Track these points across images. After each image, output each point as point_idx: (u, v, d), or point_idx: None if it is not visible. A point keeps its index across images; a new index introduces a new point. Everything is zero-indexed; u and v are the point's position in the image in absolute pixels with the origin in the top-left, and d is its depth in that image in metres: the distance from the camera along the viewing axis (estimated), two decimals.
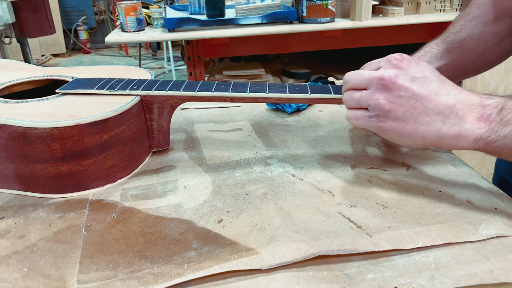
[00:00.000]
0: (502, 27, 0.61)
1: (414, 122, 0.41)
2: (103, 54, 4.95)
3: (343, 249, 0.38)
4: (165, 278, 0.36)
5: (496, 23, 0.61)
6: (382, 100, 0.42)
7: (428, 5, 1.72)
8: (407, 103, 0.41)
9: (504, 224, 0.41)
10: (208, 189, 0.49)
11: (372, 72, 0.43)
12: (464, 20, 0.63)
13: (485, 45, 0.62)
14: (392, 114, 0.42)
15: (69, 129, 0.46)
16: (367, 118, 0.43)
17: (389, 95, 0.42)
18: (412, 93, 0.41)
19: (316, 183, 0.50)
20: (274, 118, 0.70)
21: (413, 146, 0.43)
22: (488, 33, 0.61)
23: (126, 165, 0.52)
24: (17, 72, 0.66)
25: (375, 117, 0.43)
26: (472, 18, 0.62)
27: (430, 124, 0.40)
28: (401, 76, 0.41)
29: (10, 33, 2.62)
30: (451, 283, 0.35)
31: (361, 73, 0.44)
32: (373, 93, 0.42)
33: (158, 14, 1.69)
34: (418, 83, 0.41)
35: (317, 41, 1.76)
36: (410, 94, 0.41)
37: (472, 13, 0.63)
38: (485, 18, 0.61)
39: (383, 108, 0.42)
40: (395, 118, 0.42)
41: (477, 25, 0.61)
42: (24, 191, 0.49)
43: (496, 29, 0.61)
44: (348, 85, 0.45)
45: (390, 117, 0.42)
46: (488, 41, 0.61)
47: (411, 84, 0.41)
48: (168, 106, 0.55)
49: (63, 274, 0.37)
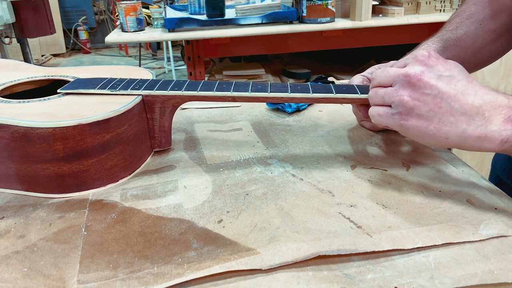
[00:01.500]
0: (498, 24, 0.61)
1: (438, 121, 0.40)
2: (103, 54, 4.95)
3: (343, 249, 0.38)
4: (165, 278, 0.36)
5: (492, 21, 0.61)
6: (406, 97, 0.41)
7: (428, 5, 1.72)
8: (432, 101, 0.40)
9: (504, 224, 0.41)
10: (208, 189, 0.49)
11: (398, 69, 0.42)
12: (461, 17, 0.63)
13: (481, 43, 0.62)
14: (416, 112, 0.40)
15: (71, 129, 0.46)
16: (389, 115, 0.42)
17: (414, 92, 0.40)
18: (438, 92, 0.40)
19: (316, 183, 0.50)
20: (274, 118, 0.70)
21: (435, 146, 0.42)
22: (484, 30, 0.61)
23: (128, 165, 0.52)
24: (18, 72, 0.66)
25: (398, 115, 0.42)
26: (468, 15, 0.62)
27: (454, 125, 0.39)
28: (427, 73, 0.40)
29: (10, 33, 2.62)
30: (451, 283, 0.35)
31: (387, 70, 0.43)
32: (398, 90, 0.41)
33: (158, 14, 1.69)
34: (445, 81, 0.40)
35: (317, 41, 1.76)
36: (436, 93, 0.40)
37: (469, 10, 0.63)
38: (481, 16, 0.61)
39: (407, 105, 0.41)
40: (419, 116, 0.40)
41: (474, 23, 0.62)
42: (26, 191, 0.49)
43: (493, 26, 0.61)
44: (375, 82, 0.45)
45: (413, 115, 0.41)
46: (485, 38, 0.61)
47: (437, 82, 0.40)
48: (170, 105, 0.55)
49: (63, 274, 0.37)
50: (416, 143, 0.59)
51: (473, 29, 0.61)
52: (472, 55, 0.63)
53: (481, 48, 0.62)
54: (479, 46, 0.62)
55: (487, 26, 0.61)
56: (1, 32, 2.54)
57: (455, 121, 0.39)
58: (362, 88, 0.53)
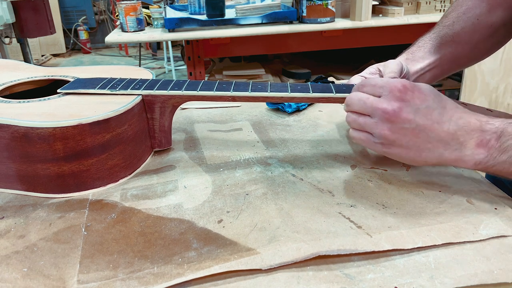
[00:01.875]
0: (495, 18, 0.61)
1: (417, 149, 0.43)
2: (103, 54, 4.95)
3: (343, 249, 0.38)
4: (165, 278, 0.36)
5: (489, 15, 0.61)
6: (386, 131, 0.43)
7: (428, 5, 1.72)
8: (410, 133, 0.43)
9: (504, 224, 0.41)
10: (208, 189, 0.49)
11: (375, 102, 0.44)
12: (457, 12, 0.63)
13: (478, 38, 0.62)
14: (397, 143, 0.43)
15: (71, 128, 0.46)
16: (372, 143, 0.45)
17: (393, 126, 0.43)
18: (416, 125, 0.42)
19: (316, 183, 0.50)
20: (274, 118, 0.70)
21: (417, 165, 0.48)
22: (481, 25, 0.61)
23: (128, 164, 0.52)
24: (18, 72, 0.66)
25: (380, 144, 0.44)
26: (465, 10, 0.63)
27: (432, 150, 0.43)
28: (405, 108, 0.42)
29: (10, 33, 2.62)
30: (451, 283, 0.35)
31: (363, 100, 0.45)
32: (377, 124, 0.44)
33: (158, 14, 1.69)
34: (421, 113, 0.42)
35: (317, 41, 1.76)
36: (414, 126, 0.42)
37: (465, 5, 0.63)
38: (478, 10, 0.61)
39: (388, 138, 0.43)
40: (399, 145, 0.43)
41: (470, 18, 0.62)
42: (26, 191, 0.49)
43: (489, 21, 0.61)
44: (351, 108, 0.46)
45: (395, 145, 0.44)
46: (482, 33, 0.62)
47: (414, 116, 0.42)
48: (170, 105, 0.55)
49: (63, 274, 0.37)
50: None
51: (470, 25, 0.62)
52: (469, 51, 0.63)
53: (478, 43, 0.63)
54: (476, 41, 0.62)
55: (484, 21, 0.61)
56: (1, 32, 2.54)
57: (433, 147, 0.43)
58: None
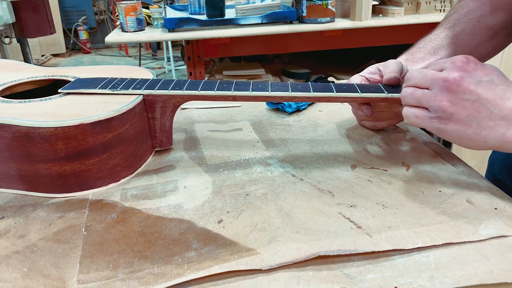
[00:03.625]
0: (496, 21, 0.61)
1: (477, 126, 0.40)
2: (103, 54, 4.95)
3: (343, 249, 0.38)
4: (165, 278, 0.36)
5: (491, 18, 0.61)
6: (445, 102, 0.41)
7: (428, 5, 1.72)
8: (471, 106, 0.40)
9: (504, 224, 0.41)
10: (208, 190, 0.49)
11: (436, 73, 0.42)
12: (459, 14, 0.63)
13: (479, 40, 0.62)
14: (455, 117, 0.41)
15: (73, 128, 0.46)
16: (427, 118, 0.43)
17: (453, 97, 0.41)
18: (477, 97, 0.40)
19: (316, 183, 0.50)
20: (274, 118, 0.70)
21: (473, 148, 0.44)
22: (482, 27, 0.61)
23: (129, 164, 0.52)
24: (19, 72, 0.66)
25: (436, 119, 0.42)
26: (467, 12, 0.62)
27: (493, 129, 0.40)
28: (467, 78, 0.41)
29: (10, 33, 2.62)
30: (451, 283, 0.35)
31: (424, 72, 0.43)
32: (436, 94, 0.41)
33: (158, 14, 1.69)
34: (484, 86, 0.40)
35: (317, 41, 1.76)
36: (475, 98, 0.40)
37: (467, 7, 0.63)
38: (479, 13, 0.61)
39: (446, 110, 0.41)
40: (458, 120, 0.41)
41: (472, 20, 0.62)
42: (27, 191, 0.49)
43: (491, 23, 0.61)
44: (410, 83, 0.45)
45: (453, 120, 0.41)
46: (482, 36, 0.62)
47: (476, 88, 0.40)
48: (171, 105, 0.55)
49: (63, 274, 0.37)
50: (416, 143, 0.59)
51: (471, 27, 0.61)
52: (469, 52, 0.63)
53: (478, 46, 0.62)
54: (477, 44, 0.62)
55: (484, 23, 0.61)
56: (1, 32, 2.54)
57: (494, 125, 0.40)
58: (363, 87, 0.53)
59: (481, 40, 0.62)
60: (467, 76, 0.41)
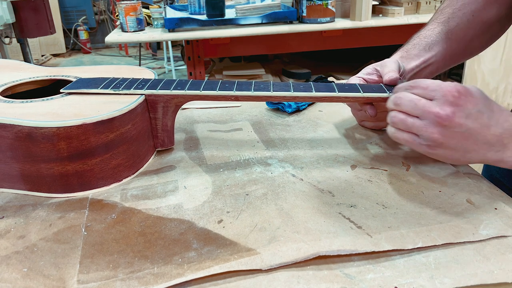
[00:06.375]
0: (490, 15, 0.61)
1: (463, 151, 0.44)
2: (103, 54, 4.95)
3: (343, 249, 0.38)
4: (165, 278, 0.36)
5: (484, 11, 0.61)
6: (436, 135, 0.43)
7: (428, 5, 1.72)
8: (460, 136, 0.43)
9: (504, 224, 0.41)
10: (208, 190, 0.49)
11: (427, 104, 0.44)
12: (453, 8, 0.63)
13: (473, 34, 0.63)
14: (444, 145, 0.44)
15: (75, 128, 0.46)
16: (417, 143, 0.45)
17: (444, 130, 0.43)
18: (466, 129, 0.43)
19: (316, 183, 0.50)
20: (274, 118, 0.70)
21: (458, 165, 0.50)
22: (476, 22, 0.62)
23: (131, 164, 0.52)
24: (20, 72, 0.66)
25: (426, 146, 0.44)
26: (461, 6, 0.63)
27: (477, 152, 0.44)
28: (458, 113, 0.43)
29: (10, 33, 2.62)
30: (451, 283, 0.35)
31: (414, 102, 0.45)
32: (428, 126, 0.43)
33: (158, 14, 1.69)
34: (473, 118, 0.43)
35: (317, 41, 1.76)
36: (464, 130, 0.43)
37: (461, 1, 0.63)
38: (473, 6, 0.61)
39: (437, 141, 0.43)
40: (446, 147, 0.44)
41: (466, 14, 0.62)
42: (29, 191, 0.49)
43: (485, 17, 0.61)
44: (400, 108, 0.46)
45: (442, 147, 0.44)
46: (476, 29, 0.62)
47: (466, 121, 0.43)
48: (173, 105, 0.55)
49: (63, 274, 0.37)
50: None
51: (465, 21, 0.62)
52: (464, 47, 0.63)
53: (472, 39, 0.63)
54: (471, 38, 0.63)
55: (479, 17, 0.61)
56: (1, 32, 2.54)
57: (478, 149, 0.44)
58: (365, 87, 0.53)
59: (475, 34, 0.62)
60: (459, 111, 0.43)
